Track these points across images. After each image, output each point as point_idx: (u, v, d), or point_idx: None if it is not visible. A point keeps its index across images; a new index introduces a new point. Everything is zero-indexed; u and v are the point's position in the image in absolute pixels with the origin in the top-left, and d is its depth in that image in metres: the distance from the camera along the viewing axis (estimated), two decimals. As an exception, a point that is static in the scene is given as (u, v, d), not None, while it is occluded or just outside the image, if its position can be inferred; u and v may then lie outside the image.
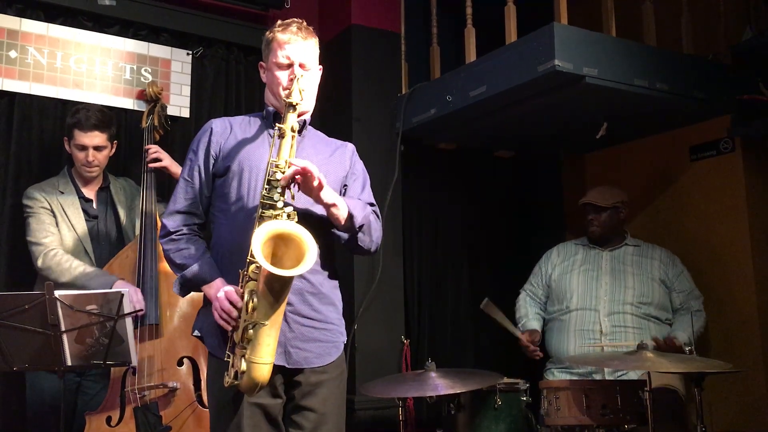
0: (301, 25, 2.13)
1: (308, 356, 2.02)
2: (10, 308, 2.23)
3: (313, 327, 2.04)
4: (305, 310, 2.03)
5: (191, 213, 2.11)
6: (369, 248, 2.17)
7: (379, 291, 3.57)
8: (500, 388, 2.81)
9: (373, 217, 2.15)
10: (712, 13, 3.67)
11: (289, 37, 2.09)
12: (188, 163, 2.14)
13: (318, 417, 2.02)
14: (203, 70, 3.56)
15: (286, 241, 1.87)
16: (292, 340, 2.00)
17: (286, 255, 1.87)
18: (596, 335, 3.31)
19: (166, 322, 2.78)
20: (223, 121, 2.18)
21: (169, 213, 2.12)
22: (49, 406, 2.72)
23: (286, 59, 2.09)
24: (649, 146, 3.98)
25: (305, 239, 1.85)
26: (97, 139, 2.86)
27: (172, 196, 2.15)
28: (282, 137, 1.95)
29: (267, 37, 2.15)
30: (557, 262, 3.58)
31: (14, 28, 3.10)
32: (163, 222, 2.12)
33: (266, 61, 2.16)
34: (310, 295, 2.04)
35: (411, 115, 3.71)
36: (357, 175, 2.23)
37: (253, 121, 2.19)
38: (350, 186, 2.21)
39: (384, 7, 3.87)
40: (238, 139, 2.11)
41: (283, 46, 2.09)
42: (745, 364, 3.35)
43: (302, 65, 2.09)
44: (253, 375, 1.85)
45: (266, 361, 1.86)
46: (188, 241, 2.08)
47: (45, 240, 2.78)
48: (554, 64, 2.91)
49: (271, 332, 1.85)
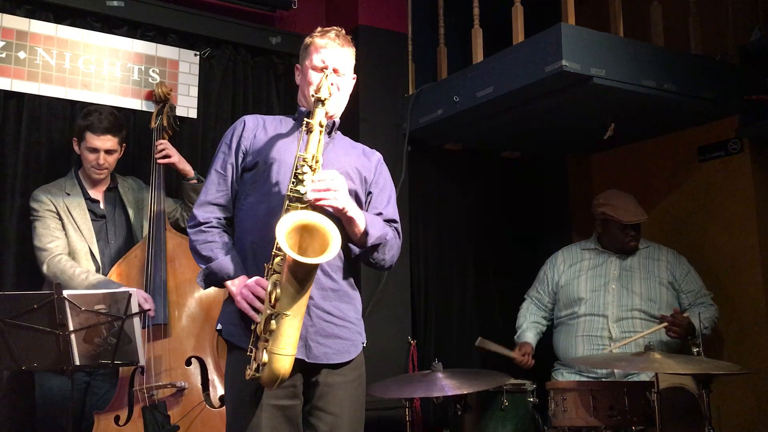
0: (340, 33, 2.18)
1: (328, 352, 2.02)
2: (18, 308, 2.24)
3: (333, 323, 2.05)
4: (326, 305, 2.04)
5: (222, 206, 2.13)
6: (382, 266, 2.18)
7: (385, 292, 3.57)
8: (507, 389, 2.81)
9: (391, 235, 2.15)
10: (721, 13, 3.66)
11: (327, 42, 2.14)
12: (221, 156, 2.16)
13: (334, 419, 2.01)
14: (211, 71, 3.56)
15: (310, 231, 1.87)
16: (313, 334, 2.00)
17: (310, 246, 1.87)
18: (605, 341, 3.29)
19: (174, 321, 2.79)
20: (256, 118, 2.22)
21: (200, 204, 2.13)
22: (57, 405, 2.73)
23: (321, 62, 2.13)
24: (657, 147, 3.97)
25: (329, 229, 1.86)
26: (109, 143, 2.88)
27: (203, 187, 2.16)
28: (310, 132, 1.96)
29: (306, 41, 2.20)
30: (563, 268, 3.55)
31: (23, 29, 3.11)
32: (194, 212, 2.13)
33: (302, 65, 2.21)
34: (331, 292, 2.05)
35: (418, 116, 3.71)
36: (383, 186, 2.24)
37: (285, 121, 2.22)
38: (375, 196, 2.21)
39: (391, 7, 3.87)
40: (269, 135, 2.14)
41: (320, 50, 2.14)
42: (757, 364, 3.33)
43: (336, 70, 2.13)
44: (275, 366, 1.84)
45: (288, 352, 1.85)
46: (216, 234, 2.09)
47: (50, 245, 2.78)
48: (562, 65, 2.91)
49: (293, 323, 1.84)
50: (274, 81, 3.72)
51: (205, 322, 2.79)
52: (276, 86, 3.72)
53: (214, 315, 2.72)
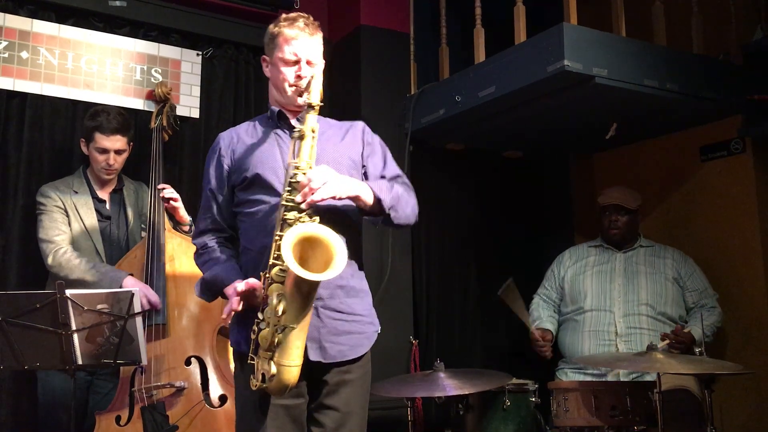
0: (308, 21, 2.10)
1: (343, 349, 2.01)
2: (21, 307, 2.24)
3: (343, 320, 2.04)
4: (335, 303, 2.03)
5: (215, 230, 2.15)
6: (408, 222, 2.14)
7: (387, 291, 3.57)
8: (509, 388, 2.81)
9: (402, 190, 2.09)
10: (723, 13, 3.65)
11: (297, 33, 2.06)
12: (205, 185, 2.17)
13: (341, 416, 2.01)
14: (213, 71, 3.57)
15: (313, 244, 1.85)
16: (326, 334, 1.99)
17: (312, 258, 1.85)
18: (611, 336, 3.30)
19: (173, 321, 2.79)
20: (229, 134, 2.19)
21: (195, 233, 2.20)
22: (60, 404, 2.74)
23: (293, 55, 2.05)
24: (660, 147, 3.97)
25: (333, 243, 1.83)
26: (118, 143, 2.88)
27: (198, 215, 2.21)
28: (302, 139, 1.93)
29: (272, 31, 2.11)
30: (569, 264, 3.57)
31: (26, 29, 3.12)
32: (193, 242, 2.20)
33: (270, 56, 2.12)
34: (339, 289, 2.04)
35: (420, 116, 3.71)
36: (374, 150, 2.18)
37: (258, 125, 2.17)
38: (370, 164, 2.15)
39: (393, 7, 3.87)
40: (247, 146, 2.11)
41: (290, 41, 2.06)
42: (759, 365, 3.32)
43: (309, 62, 2.07)
44: (284, 378, 1.85)
45: (296, 363, 1.86)
46: (212, 252, 2.12)
47: (56, 238, 2.79)
48: (564, 65, 2.91)
49: (300, 335, 1.85)
50: (276, 81, 3.72)
51: (204, 321, 2.79)
52: (278, 86, 3.72)
53: (214, 315, 2.73)
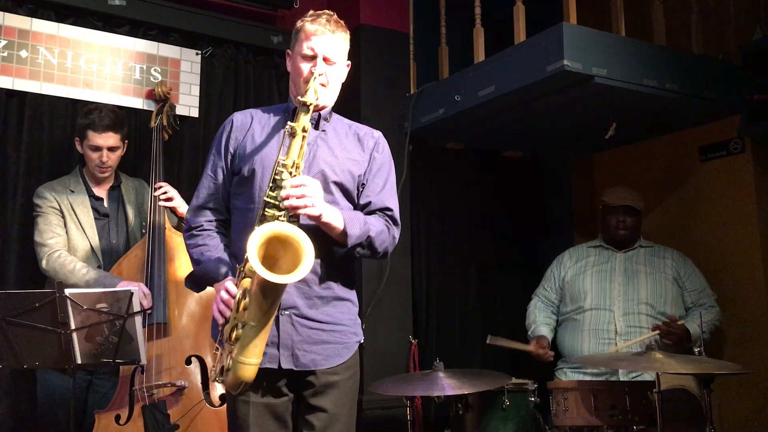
0: (331, 18, 2.07)
1: (316, 358, 1.99)
2: (20, 306, 2.24)
3: (320, 329, 2.01)
4: (312, 313, 2.00)
5: (213, 209, 2.11)
6: (372, 257, 2.12)
7: (387, 291, 3.57)
8: (508, 388, 2.81)
9: (378, 229, 2.04)
10: (722, 13, 3.65)
11: (317, 29, 2.04)
12: (211, 159, 2.14)
13: (329, 417, 2.01)
14: (212, 70, 3.56)
15: (283, 243, 1.81)
16: (299, 343, 1.98)
17: (283, 258, 1.81)
18: (611, 335, 3.30)
19: (174, 320, 2.79)
20: (245, 115, 2.15)
21: (191, 208, 2.13)
22: (59, 403, 2.73)
23: (310, 51, 2.03)
24: (659, 147, 3.97)
25: (303, 244, 1.77)
26: (111, 140, 2.88)
27: (195, 192, 2.15)
28: (293, 136, 1.90)
29: (297, 25, 2.10)
30: (570, 264, 3.57)
31: (25, 28, 3.12)
32: (186, 217, 2.14)
33: (292, 50, 2.11)
34: (318, 299, 2.01)
35: (419, 115, 3.71)
36: (377, 171, 2.13)
37: (274, 116, 2.14)
38: (369, 183, 2.12)
39: (393, 7, 3.87)
40: (255, 136, 2.08)
41: (310, 37, 2.04)
42: (758, 365, 3.33)
43: (326, 59, 2.04)
44: (239, 374, 1.82)
45: (253, 362, 1.82)
46: (207, 237, 2.08)
47: (50, 241, 2.79)
48: (563, 64, 2.91)
49: (260, 334, 1.81)
50: (275, 80, 3.72)
51: (205, 320, 2.78)
52: (278, 85, 3.72)
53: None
